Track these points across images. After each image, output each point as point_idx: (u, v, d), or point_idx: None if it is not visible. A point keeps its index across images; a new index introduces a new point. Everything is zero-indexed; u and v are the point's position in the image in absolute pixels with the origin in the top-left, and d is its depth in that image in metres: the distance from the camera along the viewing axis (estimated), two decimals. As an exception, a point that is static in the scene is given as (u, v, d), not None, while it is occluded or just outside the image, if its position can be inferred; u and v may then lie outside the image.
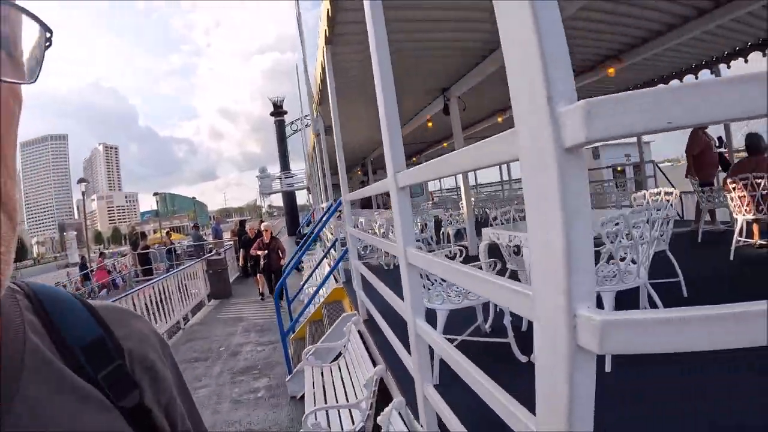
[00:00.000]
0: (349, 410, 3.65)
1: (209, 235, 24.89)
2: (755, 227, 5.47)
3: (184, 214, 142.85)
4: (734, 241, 5.14)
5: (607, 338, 0.71)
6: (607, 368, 2.68)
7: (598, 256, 3.06)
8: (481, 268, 3.23)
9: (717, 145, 7.33)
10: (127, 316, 0.62)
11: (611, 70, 7.09)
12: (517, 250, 3.90)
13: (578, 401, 0.81)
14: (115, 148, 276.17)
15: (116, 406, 0.51)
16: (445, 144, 15.25)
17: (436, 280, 3.27)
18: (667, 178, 11.13)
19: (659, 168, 10.90)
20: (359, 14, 4.71)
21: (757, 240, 5.42)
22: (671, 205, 4.21)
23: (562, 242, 0.76)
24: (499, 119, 10.97)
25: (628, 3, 5.34)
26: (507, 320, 3.21)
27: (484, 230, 4.07)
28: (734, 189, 5.24)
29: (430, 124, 8.99)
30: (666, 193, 4.55)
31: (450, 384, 2.53)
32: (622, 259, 3.20)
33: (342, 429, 3.51)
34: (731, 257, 5.04)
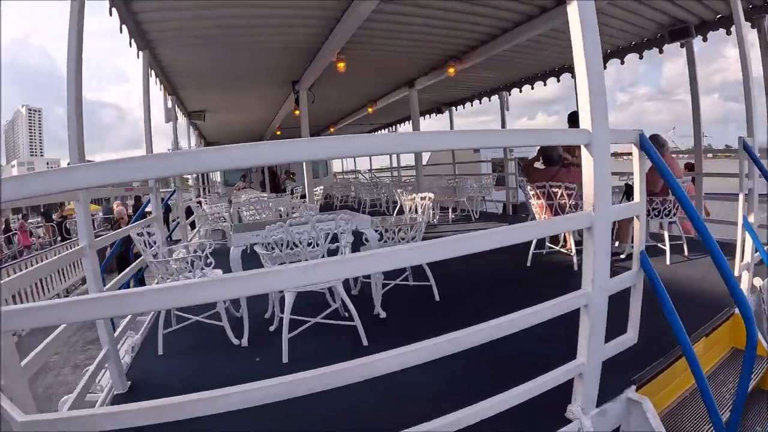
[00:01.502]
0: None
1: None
2: (568, 234, 5.39)
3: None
4: (532, 247, 5.16)
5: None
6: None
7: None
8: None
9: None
10: None
11: (451, 70, 7.39)
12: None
13: None
14: (39, 111, 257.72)
15: None
16: (331, 129, 15.96)
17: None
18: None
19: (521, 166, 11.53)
20: (168, 24, 5.23)
21: (571, 247, 5.32)
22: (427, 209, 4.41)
23: None
24: (370, 110, 11.35)
25: (455, 10, 5.63)
26: (221, 307, 3.55)
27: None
28: (534, 196, 5.26)
29: (297, 112, 9.17)
30: (429, 199, 4.59)
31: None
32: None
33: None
34: (528, 263, 5.13)
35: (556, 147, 5.31)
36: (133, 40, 5.30)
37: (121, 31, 4.96)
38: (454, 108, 12.37)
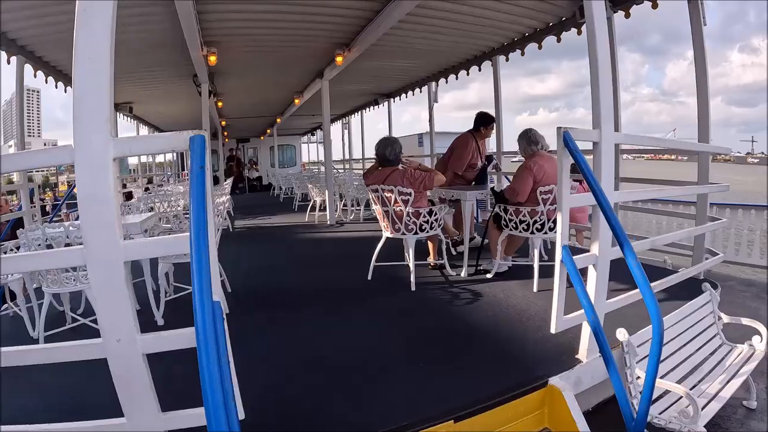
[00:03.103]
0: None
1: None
2: (430, 245, 4.92)
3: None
4: (373, 259, 4.60)
5: None
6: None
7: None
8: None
9: (485, 163, 5.68)
10: None
11: (339, 59, 7.09)
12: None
13: None
14: (37, 91, 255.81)
15: None
16: (278, 120, 15.98)
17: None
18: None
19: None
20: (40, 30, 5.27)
21: (432, 260, 4.93)
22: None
23: None
24: (296, 101, 11.34)
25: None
26: (23, 304, 3.80)
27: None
28: (372, 201, 4.67)
29: (220, 104, 9.14)
30: (222, 203, 4.42)
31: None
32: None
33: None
34: (369, 277, 4.58)
35: (393, 144, 4.61)
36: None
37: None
38: (391, 99, 12.30)
